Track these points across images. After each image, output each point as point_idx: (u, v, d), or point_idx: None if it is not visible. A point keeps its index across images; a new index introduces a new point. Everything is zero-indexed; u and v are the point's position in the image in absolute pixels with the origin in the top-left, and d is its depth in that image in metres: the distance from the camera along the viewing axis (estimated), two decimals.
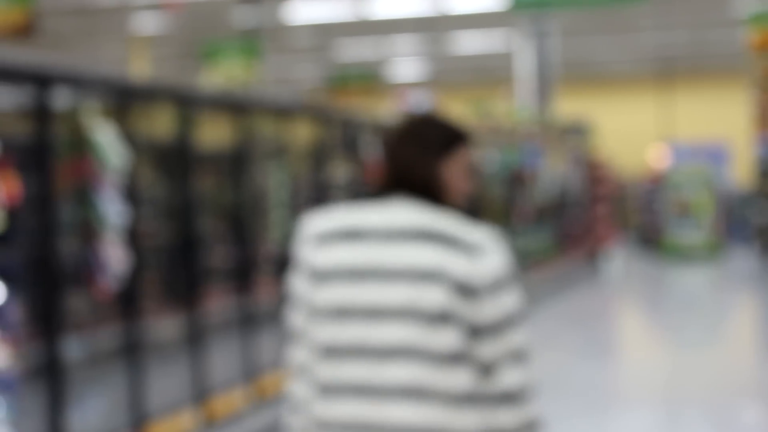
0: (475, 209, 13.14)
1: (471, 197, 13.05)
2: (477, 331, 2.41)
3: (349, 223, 2.49)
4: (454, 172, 2.57)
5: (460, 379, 2.39)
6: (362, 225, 2.48)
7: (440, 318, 2.38)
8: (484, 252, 2.42)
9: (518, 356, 2.47)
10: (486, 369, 2.43)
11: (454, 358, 2.39)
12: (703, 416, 7.65)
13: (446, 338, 2.38)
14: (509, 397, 2.44)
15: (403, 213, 2.47)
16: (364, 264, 2.44)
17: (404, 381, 2.37)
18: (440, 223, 2.44)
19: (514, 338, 2.46)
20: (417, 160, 2.54)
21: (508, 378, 2.44)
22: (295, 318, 2.53)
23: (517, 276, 2.54)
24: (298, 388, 2.51)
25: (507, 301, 2.44)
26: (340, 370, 2.43)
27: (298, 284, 2.52)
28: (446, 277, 2.39)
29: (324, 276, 2.46)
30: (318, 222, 2.53)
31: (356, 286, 2.43)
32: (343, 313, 2.43)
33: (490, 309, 2.41)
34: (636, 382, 9.24)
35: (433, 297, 2.38)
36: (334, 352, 2.44)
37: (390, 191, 2.53)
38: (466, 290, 2.39)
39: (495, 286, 2.42)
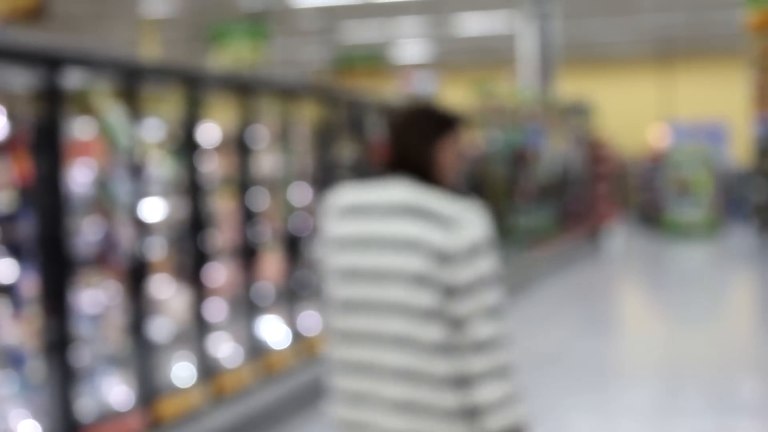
0: (478, 187, 13.13)
1: (474, 176, 13.03)
2: (452, 292, 2.80)
3: (357, 200, 2.94)
4: (447, 154, 2.96)
5: (434, 332, 2.80)
6: (366, 202, 2.92)
7: (418, 281, 2.80)
8: (461, 223, 2.80)
9: (491, 312, 2.82)
10: (460, 324, 2.80)
11: (430, 314, 2.80)
12: (702, 391, 7.65)
13: (424, 297, 2.80)
14: (480, 347, 2.80)
15: (397, 191, 2.89)
16: (365, 235, 2.89)
17: (393, 332, 2.83)
18: (425, 200, 2.84)
19: (488, 297, 2.82)
20: (414, 144, 2.95)
21: (480, 330, 2.80)
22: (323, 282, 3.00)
23: (494, 244, 2.89)
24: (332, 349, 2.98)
25: (481, 266, 2.81)
26: (352, 321, 2.90)
27: (321, 252, 3.00)
28: (423, 247, 2.80)
29: (338, 245, 2.93)
30: (335, 199, 2.98)
31: (361, 254, 2.89)
32: (352, 276, 2.90)
33: (465, 272, 2.79)
34: (636, 358, 9.24)
35: (412, 263, 2.81)
36: (347, 307, 2.91)
37: (392, 171, 2.96)
38: (442, 257, 2.79)
39: (470, 253, 2.80)
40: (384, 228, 2.87)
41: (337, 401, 3.02)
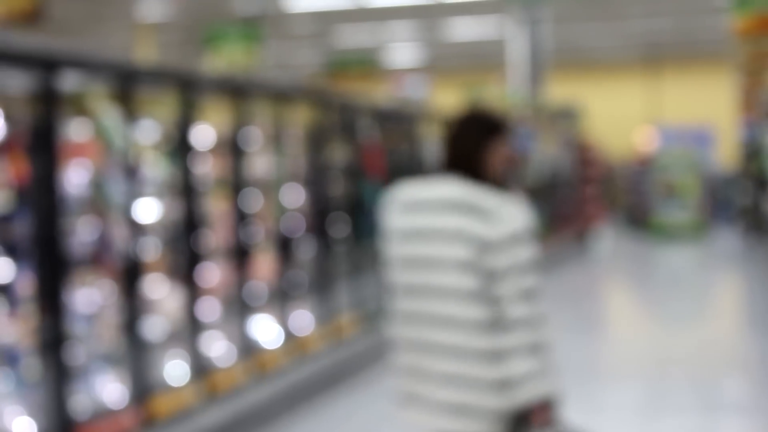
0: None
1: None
2: (492, 275, 3.15)
3: (415, 196, 3.32)
4: (495, 155, 3.32)
5: (476, 312, 3.16)
6: (422, 198, 3.29)
7: (463, 267, 3.17)
8: (501, 216, 3.16)
9: (526, 295, 3.17)
10: (498, 303, 3.15)
11: (474, 296, 3.16)
12: (688, 390, 7.66)
13: (468, 282, 3.17)
14: (514, 325, 3.14)
15: (448, 188, 3.25)
16: (421, 228, 3.26)
17: (443, 313, 3.20)
18: (472, 196, 3.20)
19: (524, 281, 3.17)
20: (466, 145, 3.31)
21: (515, 310, 3.15)
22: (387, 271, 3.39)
23: (534, 235, 3.27)
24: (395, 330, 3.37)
25: (520, 253, 3.17)
26: (410, 304, 3.28)
27: (385, 242, 3.39)
28: (467, 237, 3.16)
29: (399, 236, 3.32)
30: (397, 194, 3.38)
31: (417, 244, 3.27)
32: (411, 264, 3.28)
33: (504, 258, 3.15)
34: (623, 358, 9.26)
35: (458, 251, 3.18)
36: (407, 291, 3.29)
37: (446, 170, 3.32)
38: (484, 245, 3.15)
39: (509, 241, 3.15)
40: (436, 221, 3.23)
41: (398, 375, 3.38)
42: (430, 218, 3.24)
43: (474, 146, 3.31)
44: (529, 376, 3.14)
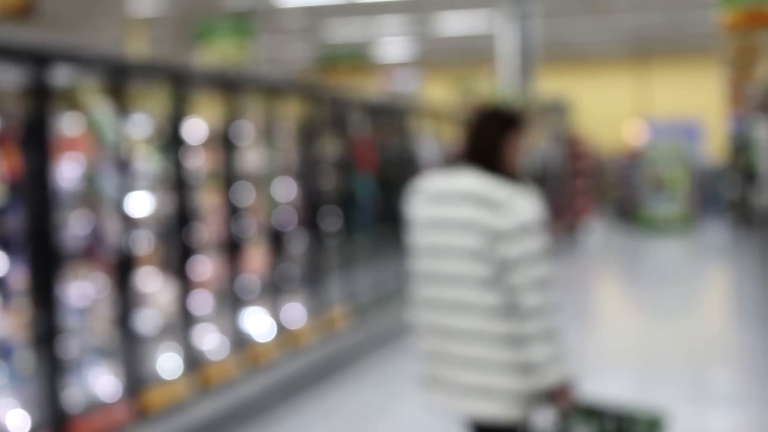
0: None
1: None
2: (505, 264, 3.31)
3: (436, 188, 3.48)
4: (512, 148, 3.48)
5: (491, 298, 3.32)
6: (441, 189, 3.46)
7: (475, 255, 3.33)
8: (512, 208, 3.31)
9: (539, 283, 3.32)
10: (513, 292, 3.30)
11: (487, 283, 3.32)
12: (677, 382, 7.68)
13: (480, 269, 3.33)
14: (530, 312, 3.29)
15: (466, 181, 3.41)
16: (441, 218, 3.42)
17: (460, 299, 3.36)
18: (487, 187, 3.36)
19: (537, 270, 3.32)
20: (484, 139, 3.47)
21: (530, 299, 3.30)
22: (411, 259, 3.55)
23: (545, 225, 3.44)
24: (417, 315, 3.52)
25: (530, 243, 3.32)
26: (431, 290, 3.43)
27: (409, 232, 3.56)
28: (478, 227, 3.33)
29: (422, 225, 3.48)
30: (421, 186, 3.55)
31: (437, 233, 3.43)
32: (432, 252, 3.44)
33: (515, 248, 3.30)
34: (612, 349, 9.27)
35: (470, 241, 3.34)
36: (428, 278, 3.45)
37: (466, 162, 3.48)
38: (495, 235, 3.31)
39: (520, 232, 3.30)
40: (453, 212, 3.39)
41: (421, 359, 3.50)
42: (448, 209, 3.41)
43: (493, 140, 3.47)
44: (549, 360, 3.31)
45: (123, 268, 5.76)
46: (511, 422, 3.39)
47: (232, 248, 7.07)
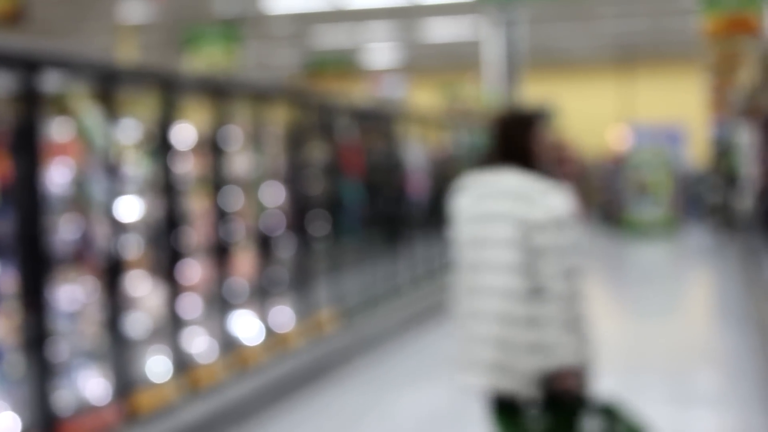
0: (444, 187, 13.16)
1: (440, 176, 13.05)
2: (536, 252, 3.57)
3: (478, 186, 3.77)
4: (539, 144, 3.76)
5: (517, 282, 3.58)
6: (483, 187, 3.75)
7: (509, 244, 3.61)
8: (545, 202, 3.60)
9: (567, 272, 3.57)
10: (540, 278, 3.55)
11: (516, 269, 3.58)
12: (660, 382, 7.70)
13: (512, 256, 3.60)
14: (553, 298, 3.54)
15: (505, 178, 3.70)
16: (482, 212, 3.71)
17: (492, 284, 3.63)
18: (524, 184, 3.66)
19: (566, 260, 3.57)
20: (512, 141, 3.75)
21: (555, 285, 3.54)
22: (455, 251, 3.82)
23: (574, 218, 3.71)
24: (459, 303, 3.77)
25: (561, 235, 3.59)
26: (472, 278, 3.71)
27: (453, 225, 3.83)
28: (512, 218, 3.61)
29: (464, 220, 3.77)
30: (464, 183, 3.84)
31: (479, 226, 3.71)
32: (474, 243, 3.72)
33: (545, 238, 3.57)
34: (597, 351, 9.27)
35: (505, 231, 3.62)
36: (470, 267, 3.72)
37: (500, 160, 3.76)
38: (528, 226, 3.58)
39: (551, 224, 3.57)
40: (494, 206, 3.68)
41: (459, 343, 3.75)
42: (490, 204, 3.70)
43: (521, 140, 3.75)
44: (560, 343, 3.56)
45: (112, 271, 5.75)
46: (531, 399, 3.62)
47: (221, 252, 7.07)
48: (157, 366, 6.24)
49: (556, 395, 3.62)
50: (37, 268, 5.13)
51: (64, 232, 5.49)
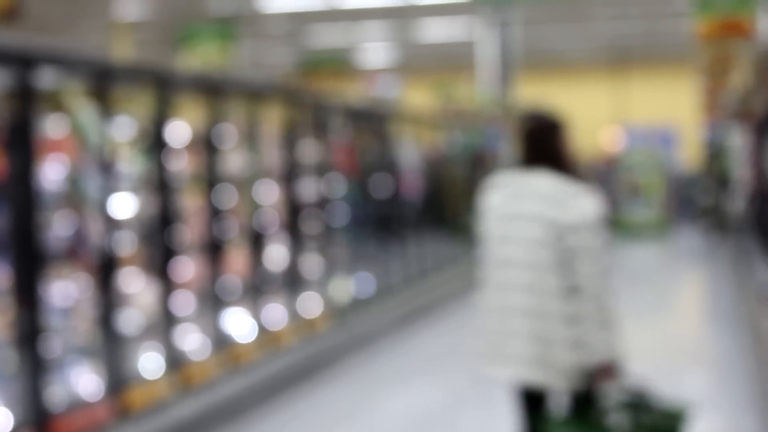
0: (437, 187, 13.15)
1: (434, 176, 13.06)
2: (569, 253, 3.77)
3: (509, 186, 3.97)
4: (564, 146, 3.97)
5: (552, 281, 3.79)
6: (515, 187, 3.95)
7: (540, 244, 3.80)
8: (574, 205, 3.80)
9: (600, 272, 3.78)
10: (574, 277, 3.75)
11: (550, 269, 3.78)
12: (651, 383, 7.70)
13: (545, 257, 3.79)
14: (588, 297, 3.75)
15: (536, 180, 3.89)
16: (513, 212, 3.91)
17: (527, 282, 3.82)
18: (555, 187, 3.85)
19: (597, 259, 3.78)
20: (541, 144, 3.94)
21: (589, 285, 3.76)
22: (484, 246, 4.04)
23: (603, 220, 3.89)
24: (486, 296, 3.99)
25: (591, 236, 3.79)
26: (502, 274, 3.91)
27: (484, 224, 4.04)
28: (543, 220, 3.80)
29: (495, 218, 3.97)
30: (496, 183, 4.05)
31: (509, 225, 3.90)
32: (503, 241, 3.92)
33: (575, 239, 3.77)
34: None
35: (535, 232, 3.82)
36: (500, 264, 3.92)
37: (531, 162, 3.95)
38: (557, 227, 3.78)
39: (579, 226, 3.77)
40: (525, 207, 3.86)
41: (483, 337, 3.96)
42: (521, 204, 3.88)
43: (549, 143, 3.95)
44: (598, 339, 3.78)
45: (106, 268, 5.75)
46: (566, 392, 3.87)
47: (214, 250, 7.07)
48: (149, 363, 6.23)
49: (590, 388, 3.84)
50: (30, 265, 5.12)
51: (57, 228, 5.49)
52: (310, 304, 8.52)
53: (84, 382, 5.58)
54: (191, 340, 6.74)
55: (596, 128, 26.41)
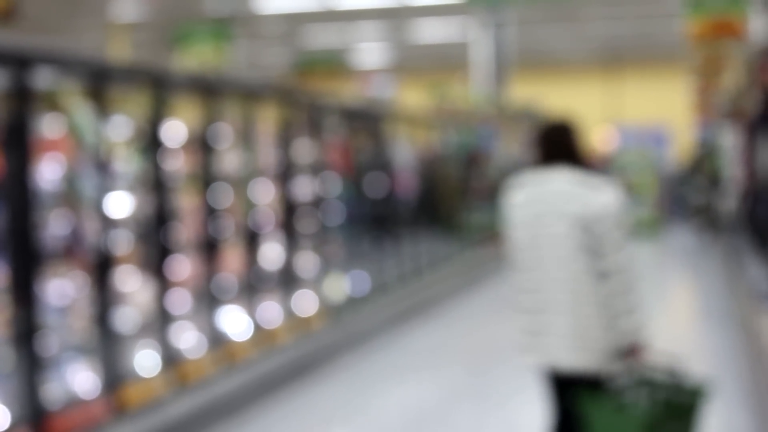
0: (432, 186, 13.16)
1: (428, 175, 13.07)
2: (599, 242, 3.99)
3: (534, 185, 4.15)
4: (579, 144, 4.20)
5: (582, 269, 4.01)
6: (539, 186, 4.14)
7: (567, 237, 4.02)
8: (596, 197, 4.01)
9: (624, 262, 4.00)
10: (602, 268, 4.00)
11: (581, 259, 4.01)
12: None
13: (573, 249, 4.01)
14: (623, 282, 4.00)
15: (558, 178, 4.10)
16: (537, 211, 4.11)
17: (558, 276, 4.03)
18: (576, 183, 4.06)
19: (621, 250, 4.01)
20: (563, 146, 4.17)
21: (616, 274, 3.99)
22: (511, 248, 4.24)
23: (625, 214, 4.12)
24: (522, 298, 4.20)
25: (614, 229, 4.00)
26: (530, 271, 4.13)
27: (510, 223, 4.21)
28: (567, 216, 4.02)
29: (521, 217, 4.16)
30: (521, 182, 4.22)
31: (536, 223, 4.11)
32: (533, 239, 4.11)
33: (604, 229, 3.99)
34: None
35: (562, 228, 4.03)
36: (527, 261, 4.14)
37: (550, 161, 4.16)
38: (582, 221, 4.00)
39: (605, 217, 3.99)
40: (548, 205, 4.07)
41: (521, 330, 4.21)
42: (544, 203, 4.08)
43: (569, 144, 4.17)
44: (630, 323, 4.01)
45: (102, 267, 5.75)
46: (595, 373, 4.05)
47: (210, 248, 7.07)
48: (145, 360, 6.24)
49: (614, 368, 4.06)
50: (27, 263, 5.12)
51: (54, 227, 5.49)
52: (305, 303, 8.53)
53: (80, 379, 5.59)
54: (187, 338, 6.75)
55: (589, 128, 26.44)
